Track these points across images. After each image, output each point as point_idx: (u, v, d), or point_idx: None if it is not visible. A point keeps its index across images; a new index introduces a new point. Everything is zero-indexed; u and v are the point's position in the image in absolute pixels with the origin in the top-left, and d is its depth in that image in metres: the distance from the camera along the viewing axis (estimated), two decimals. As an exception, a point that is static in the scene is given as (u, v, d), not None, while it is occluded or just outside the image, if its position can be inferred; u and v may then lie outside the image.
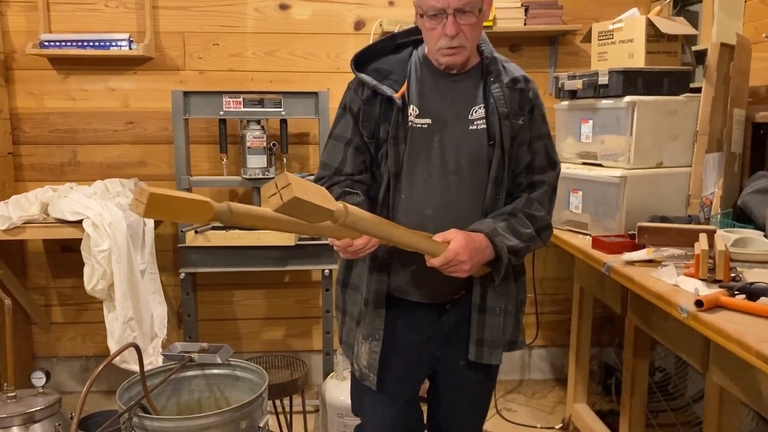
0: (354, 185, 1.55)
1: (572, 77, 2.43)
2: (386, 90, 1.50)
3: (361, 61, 1.57)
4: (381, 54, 1.58)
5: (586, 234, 2.31)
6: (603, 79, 2.26)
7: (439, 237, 1.42)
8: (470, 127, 1.52)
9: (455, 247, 1.39)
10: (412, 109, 1.53)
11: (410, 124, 1.52)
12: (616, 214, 2.22)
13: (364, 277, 1.59)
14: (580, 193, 2.34)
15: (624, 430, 2.25)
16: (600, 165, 2.33)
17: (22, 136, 3.00)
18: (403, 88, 1.51)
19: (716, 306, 1.48)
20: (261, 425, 1.87)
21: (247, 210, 1.10)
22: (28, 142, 3.01)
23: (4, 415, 1.83)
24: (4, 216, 2.43)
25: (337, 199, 1.42)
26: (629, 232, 2.15)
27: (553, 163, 1.61)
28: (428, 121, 1.52)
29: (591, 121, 2.35)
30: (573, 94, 2.42)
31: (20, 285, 2.92)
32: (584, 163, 2.39)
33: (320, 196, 1.10)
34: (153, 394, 1.88)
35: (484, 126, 1.52)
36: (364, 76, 1.53)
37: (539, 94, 1.61)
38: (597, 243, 2.10)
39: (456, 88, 1.54)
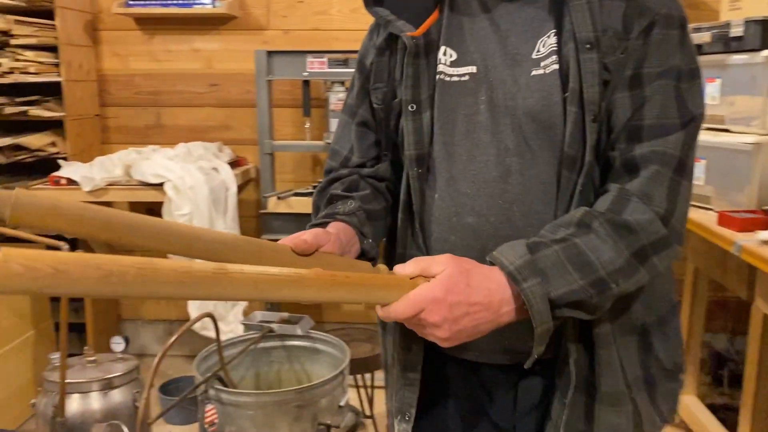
0: (360, 182, 1.02)
1: (698, 29, 2.13)
2: (400, 27, 0.94)
3: None
4: None
5: (709, 209, 2.04)
6: (737, 31, 1.96)
7: (415, 265, 0.79)
8: (533, 72, 0.89)
9: (421, 298, 0.76)
10: (445, 54, 0.95)
11: (440, 76, 0.94)
12: (745, 187, 1.93)
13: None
14: (704, 162, 2.06)
15: (745, 429, 1.99)
16: (727, 130, 2.04)
17: (108, 98, 2.99)
18: (429, 22, 0.94)
19: None
20: (342, 404, 1.75)
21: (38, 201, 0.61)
22: (114, 104, 3.00)
23: (83, 380, 1.79)
24: (88, 177, 2.41)
25: (325, 206, 1.00)
26: (763, 207, 1.87)
27: (685, 120, 0.85)
28: (471, 69, 0.93)
29: (719, 80, 2.06)
30: (698, 50, 2.13)
31: (106, 247, 2.92)
32: (709, 128, 2.10)
33: None
34: (231, 364, 1.80)
35: (556, 66, 0.88)
36: (378, 10, 0.97)
37: (669, 1, 0.87)
38: (725, 219, 1.83)
39: (514, 14, 0.92)
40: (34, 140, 2.63)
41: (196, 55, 2.94)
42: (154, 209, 2.97)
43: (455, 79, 0.93)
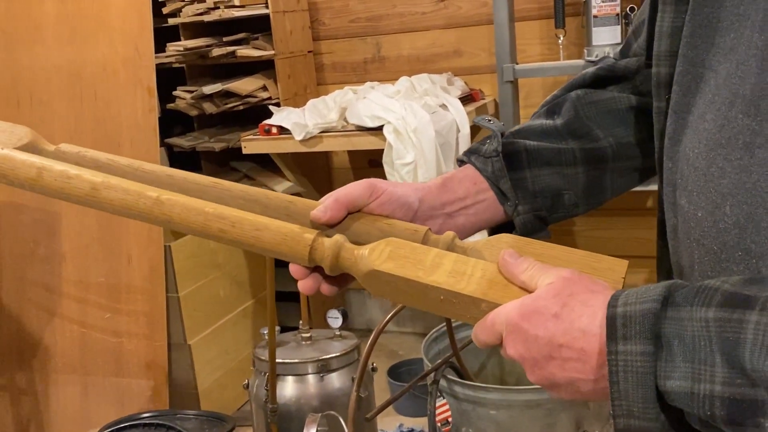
0: (566, 104, 0.86)
1: None
2: None
3: None
4: None
5: None
6: None
7: (518, 268, 0.67)
8: None
9: (498, 319, 0.64)
10: None
11: None
12: None
13: None
14: None
15: None
16: None
17: (321, 30, 3.06)
18: None
19: None
20: (614, 409, 1.56)
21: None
22: (328, 36, 3.06)
23: (297, 360, 1.83)
24: (300, 124, 2.46)
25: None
26: None
27: None
28: None
29: None
30: None
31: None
32: None
33: None
34: (467, 350, 1.70)
35: None
36: None
37: None
38: None
39: None
40: (243, 85, 2.77)
41: (419, -34, 2.88)
42: (377, 160, 3.00)
43: None
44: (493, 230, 0.83)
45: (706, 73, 0.66)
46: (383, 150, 2.38)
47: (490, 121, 0.83)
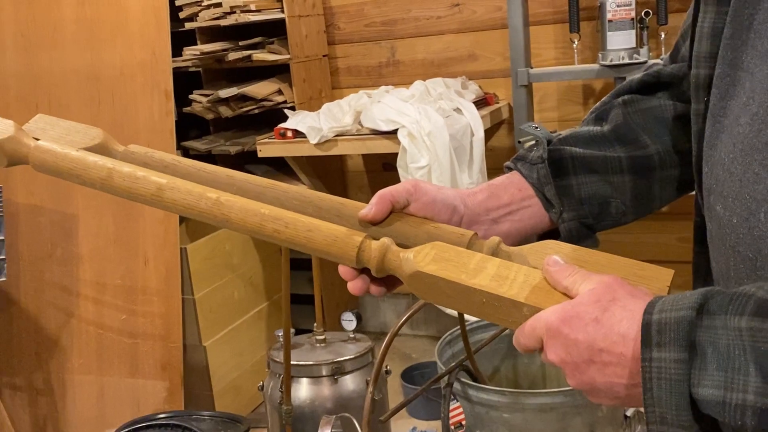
0: (614, 109, 0.86)
1: None
2: None
3: None
4: None
5: None
6: None
7: (561, 274, 0.66)
8: None
9: (538, 324, 0.64)
10: None
11: None
12: None
13: None
14: None
15: None
16: None
17: (336, 35, 3.07)
18: None
19: None
20: (628, 413, 1.57)
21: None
22: (343, 41, 3.07)
23: (311, 362, 1.84)
24: (315, 128, 2.47)
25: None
26: None
27: None
28: None
29: None
30: None
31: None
32: None
33: None
34: (481, 353, 1.71)
35: None
36: None
37: None
38: None
39: None
40: (259, 89, 2.79)
41: (434, -29, 2.89)
42: (391, 163, 3.01)
43: None
44: (541, 238, 0.84)
45: (743, 76, 0.66)
46: (397, 154, 2.39)
47: (537, 128, 0.83)
